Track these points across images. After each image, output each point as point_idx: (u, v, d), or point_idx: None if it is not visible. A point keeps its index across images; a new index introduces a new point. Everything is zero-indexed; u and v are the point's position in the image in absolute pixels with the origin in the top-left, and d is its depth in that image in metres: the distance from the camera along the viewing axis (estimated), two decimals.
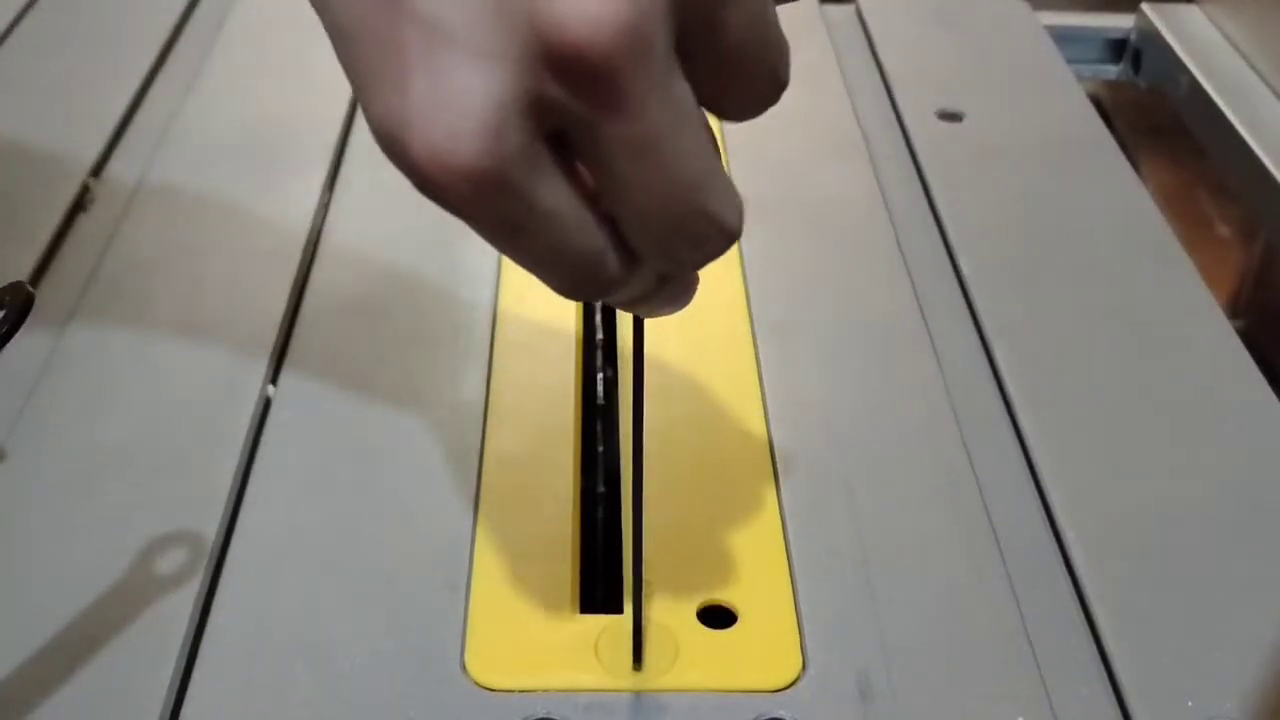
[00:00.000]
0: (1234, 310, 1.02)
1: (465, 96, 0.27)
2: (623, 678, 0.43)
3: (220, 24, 0.82)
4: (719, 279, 0.61)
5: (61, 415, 0.52)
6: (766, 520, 0.49)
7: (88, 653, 0.43)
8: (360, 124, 0.72)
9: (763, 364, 0.57)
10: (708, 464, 0.52)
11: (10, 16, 0.80)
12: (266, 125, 0.71)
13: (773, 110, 0.31)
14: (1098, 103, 0.83)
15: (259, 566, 0.46)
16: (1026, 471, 0.52)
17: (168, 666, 0.42)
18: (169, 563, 0.46)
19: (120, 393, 0.54)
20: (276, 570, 0.46)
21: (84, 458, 0.50)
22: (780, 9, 0.31)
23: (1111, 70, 0.93)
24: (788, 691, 0.43)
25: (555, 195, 0.29)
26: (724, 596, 0.46)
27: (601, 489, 0.61)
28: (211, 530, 0.47)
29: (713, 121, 0.31)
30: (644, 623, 0.44)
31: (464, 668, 0.43)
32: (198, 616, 0.44)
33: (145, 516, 0.48)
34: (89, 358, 0.55)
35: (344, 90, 0.74)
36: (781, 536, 0.48)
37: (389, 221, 0.65)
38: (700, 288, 0.35)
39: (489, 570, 0.47)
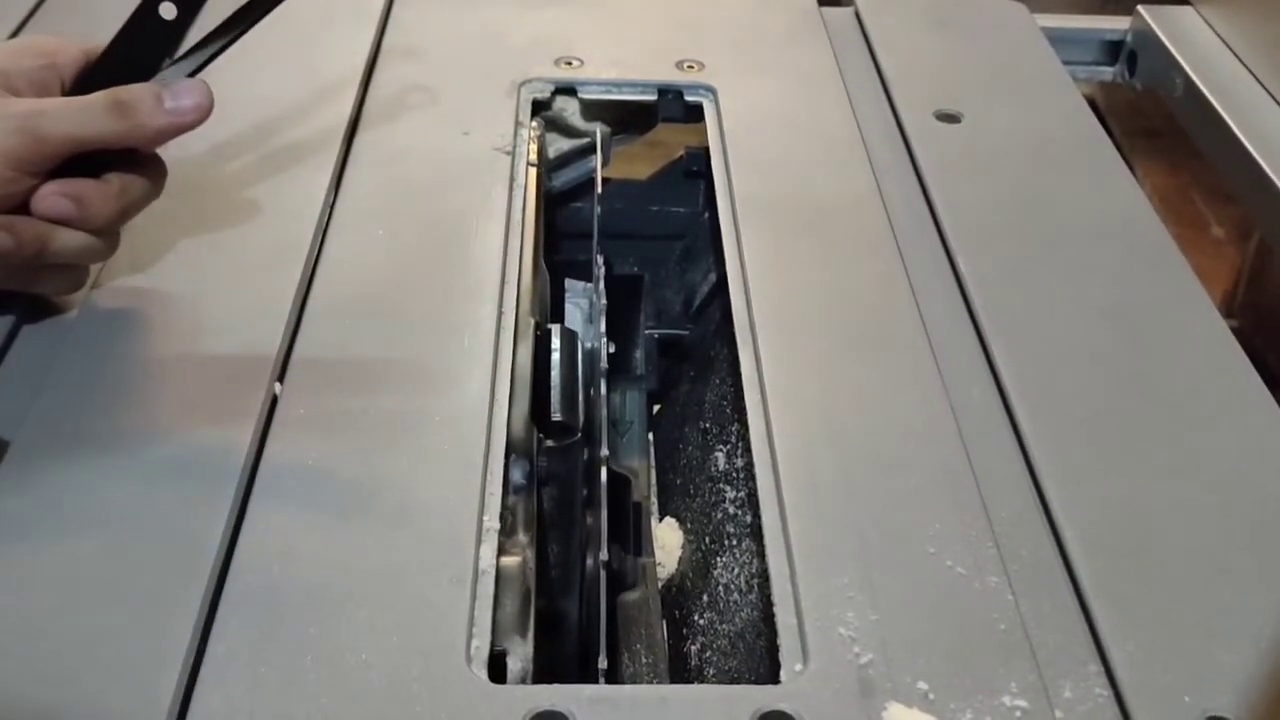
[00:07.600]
0: (1229, 310, 1.03)
1: None
2: None
3: None
4: None
5: (67, 413, 0.53)
6: None
7: (95, 650, 0.43)
8: (365, 124, 0.73)
9: (763, 364, 0.57)
10: None
11: (18, 19, 0.80)
12: (272, 125, 0.71)
13: (773, 112, 0.31)
14: (1094, 104, 0.83)
15: (266, 562, 0.47)
16: (1025, 469, 0.53)
17: (176, 661, 0.43)
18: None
19: (127, 391, 0.54)
20: (283, 566, 0.47)
21: (91, 455, 0.51)
22: (780, 11, 0.31)
23: (1107, 72, 0.94)
24: (790, 686, 0.44)
25: None
26: None
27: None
28: (219, 527, 0.48)
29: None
30: None
31: (469, 661, 0.44)
32: (206, 612, 0.45)
33: (152, 513, 0.48)
34: (95, 356, 0.56)
35: (349, 90, 0.74)
36: None
37: (394, 221, 0.65)
38: None
39: None
